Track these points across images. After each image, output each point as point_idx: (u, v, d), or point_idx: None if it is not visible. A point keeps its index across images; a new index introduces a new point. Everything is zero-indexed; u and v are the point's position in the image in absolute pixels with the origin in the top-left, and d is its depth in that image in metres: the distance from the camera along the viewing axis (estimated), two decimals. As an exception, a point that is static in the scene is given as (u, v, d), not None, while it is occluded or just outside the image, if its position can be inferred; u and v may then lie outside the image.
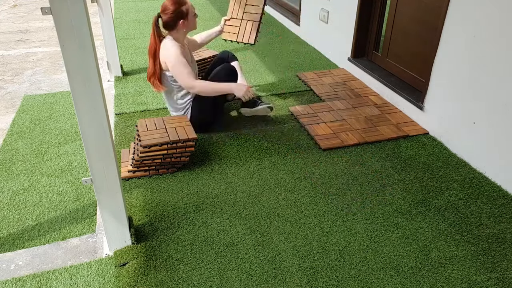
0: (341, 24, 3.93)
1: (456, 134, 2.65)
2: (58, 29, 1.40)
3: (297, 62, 4.16)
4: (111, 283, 1.77)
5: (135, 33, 5.06)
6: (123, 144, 2.75)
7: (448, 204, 2.23)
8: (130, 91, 3.50)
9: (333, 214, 2.15)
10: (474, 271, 1.82)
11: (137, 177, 2.43)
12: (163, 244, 1.96)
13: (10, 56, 4.45)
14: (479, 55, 2.40)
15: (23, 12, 6.23)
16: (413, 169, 2.52)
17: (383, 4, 3.48)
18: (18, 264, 1.88)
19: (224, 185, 2.37)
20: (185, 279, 1.78)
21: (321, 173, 2.47)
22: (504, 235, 2.02)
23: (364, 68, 3.61)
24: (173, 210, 2.18)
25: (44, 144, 2.80)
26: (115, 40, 3.61)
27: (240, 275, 1.80)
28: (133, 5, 6.38)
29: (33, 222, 2.13)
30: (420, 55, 3.09)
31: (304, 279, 1.78)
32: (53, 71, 4.06)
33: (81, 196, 2.31)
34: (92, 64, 1.48)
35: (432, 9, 2.90)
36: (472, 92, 2.49)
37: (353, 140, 2.78)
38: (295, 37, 4.89)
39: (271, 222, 2.10)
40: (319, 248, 1.94)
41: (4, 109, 3.31)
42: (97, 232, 2.06)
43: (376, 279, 1.78)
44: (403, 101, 3.14)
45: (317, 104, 3.27)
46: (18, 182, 2.42)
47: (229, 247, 1.95)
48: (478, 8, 2.36)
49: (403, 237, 2.01)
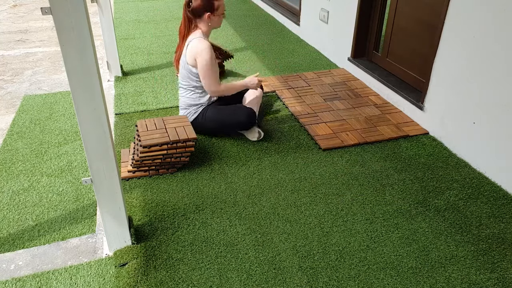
0: (341, 24, 3.93)
1: (456, 134, 2.65)
2: (58, 29, 1.40)
3: (297, 62, 4.16)
4: (111, 283, 1.77)
5: (135, 33, 5.06)
6: (123, 144, 2.75)
7: (448, 204, 2.23)
8: (130, 91, 3.50)
9: (333, 214, 2.15)
10: (474, 271, 1.82)
11: (137, 177, 2.43)
12: (163, 244, 1.96)
13: (10, 56, 4.45)
14: (479, 55, 2.40)
15: (23, 12, 6.23)
16: (413, 169, 2.52)
17: (383, 4, 3.48)
18: (18, 264, 1.88)
19: (224, 185, 2.37)
20: (185, 279, 1.78)
21: (321, 173, 2.47)
22: (504, 235, 2.02)
23: (364, 68, 3.61)
24: (173, 210, 2.18)
25: (44, 144, 2.80)
26: (115, 40, 3.60)
27: (240, 275, 1.80)
28: (133, 5, 6.38)
29: (33, 222, 2.13)
30: (420, 55, 3.09)
31: (304, 279, 1.78)
32: (53, 71, 4.06)
33: (81, 196, 2.31)
34: (92, 64, 1.48)
35: (432, 9, 2.90)
36: (472, 92, 2.49)
37: (353, 140, 2.78)
38: (295, 37, 4.89)
39: (271, 222, 2.10)
40: (319, 248, 1.94)
41: (4, 109, 3.31)
42: (97, 232, 2.06)
43: (376, 279, 1.78)
44: (403, 101, 3.14)
45: (317, 104, 3.27)
46: (18, 182, 2.42)
47: (229, 247, 1.95)
48: (478, 8, 2.36)
49: (403, 237, 2.01)
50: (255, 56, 4.31)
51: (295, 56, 4.32)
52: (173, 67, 4.01)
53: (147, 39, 4.84)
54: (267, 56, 4.31)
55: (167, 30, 5.18)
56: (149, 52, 4.42)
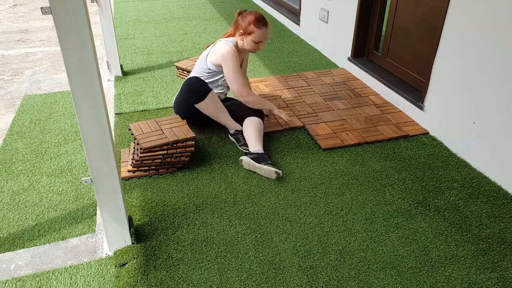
0: (341, 24, 3.93)
1: (456, 134, 2.65)
2: (58, 29, 1.40)
3: (297, 62, 4.16)
4: (111, 283, 1.77)
5: (135, 33, 5.06)
6: (123, 144, 2.75)
7: (448, 204, 2.23)
8: (130, 91, 3.50)
9: (333, 214, 2.15)
10: (474, 271, 1.82)
11: (137, 177, 2.43)
12: (163, 244, 1.96)
13: (10, 56, 4.45)
14: (479, 55, 2.40)
15: (23, 12, 6.22)
16: (413, 169, 2.52)
17: (383, 4, 3.48)
18: (18, 264, 1.88)
19: (224, 185, 2.37)
20: (185, 279, 1.78)
21: (321, 173, 2.47)
22: (504, 235, 2.02)
23: (364, 68, 3.61)
24: (173, 210, 2.18)
25: (44, 144, 2.80)
26: (115, 40, 3.60)
27: (240, 275, 1.80)
28: (133, 5, 6.38)
29: (33, 222, 2.13)
30: (420, 54, 3.09)
31: (304, 279, 1.78)
32: (53, 71, 4.06)
33: (81, 196, 2.31)
34: (92, 64, 1.48)
35: (432, 9, 2.90)
36: (472, 91, 2.49)
37: (353, 140, 2.78)
38: (295, 37, 4.89)
39: (271, 222, 2.10)
40: (319, 248, 1.94)
41: (4, 109, 3.31)
42: (97, 232, 2.06)
43: (376, 279, 1.78)
44: (403, 100, 3.14)
45: (317, 103, 3.27)
46: (18, 182, 2.42)
47: (229, 247, 1.95)
48: (478, 8, 2.36)
49: (403, 237, 2.01)
50: (255, 56, 4.31)
51: (295, 56, 4.32)
52: (173, 66, 4.01)
53: (147, 39, 4.84)
54: (267, 56, 4.31)
55: (167, 29, 5.18)
56: (149, 52, 4.42)
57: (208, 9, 6.16)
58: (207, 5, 6.39)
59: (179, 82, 3.66)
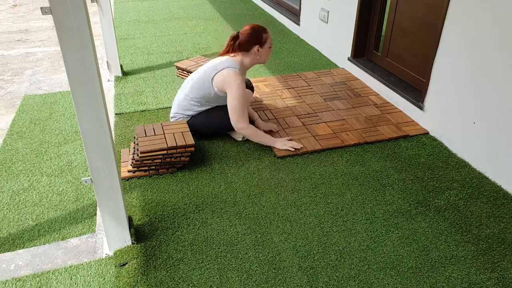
0: (341, 24, 3.93)
1: (456, 134, 2.65)
2: (58, 29, 1.40)
3: (297, 62, 4.16)
4: (111, 283, 1.77)
5: (135, 33, 5.06)
6: (123, 144, 2.75)
7: (448, 204, 2.23)
8: (130, 91, 3.50)
9: (333, 214, 2.15)
10: (474, 271, 1.82)
11: (137, 177, 2.43)
12: (163, 244, 1.96)
13: (10, 56, 4.45)
14: (479, 55, 2.40)
15: (23, 12, 6.22)
16: (413, 169, 2.52)
17: (383, 4, 3.48)
18: (18, 264, 1.88)
19: (224, 185, 2.37)
20: (185, 279, 1.78)
21: (321, 173, 2.47)
22: (504, 235, 2.02)
23: (364, 68, 3.61)
24: (173, 210, 2.18)
25: (44, 144, 2.80)
26: (115, 40, 3.61)
27: (240, 275, 1.80)
28: (133, 5, 6.38)
29: (33, 222, 2.13)
30: (420, 54, 3.09)
31: (304, 279, 1.78)
32: (53, 71, 4.06)
33: (81, 196, 2.31)
34: (92, 64, 1.48)
35: (432, 9, 2.90)
36: (472, 91, 2.49)
37: (353, 140, 2.78)
38: (295, 37, 4.89)
39: (271, 222, 2.10)
40: (319, 248, 1.94)
41: (4, 109, 3.31)
42: (97, 232, 2.06)
43: (376, 279, 1.78)
44: (403, 100, 3.14)
45: (317, 103, 3.27)
46: (18, 182, 2.42)
47: (229, 247, 1.95)
48: (478, 8, 2.36)
49: (403, 237, 2.01)
50: (255, 56, 4.31)
51: (295, 56, 4.32)
52: (173, 66, 4.01)
53: (147, 39, 4.84)
54: (267, 56, 4.31)
55: (167, 30, 5.18)
56: (149, 52, 4.42)
57: (208, 9, 6.16)
58: (207, 5, 6.39)
59: (179, 82, 3.66)
